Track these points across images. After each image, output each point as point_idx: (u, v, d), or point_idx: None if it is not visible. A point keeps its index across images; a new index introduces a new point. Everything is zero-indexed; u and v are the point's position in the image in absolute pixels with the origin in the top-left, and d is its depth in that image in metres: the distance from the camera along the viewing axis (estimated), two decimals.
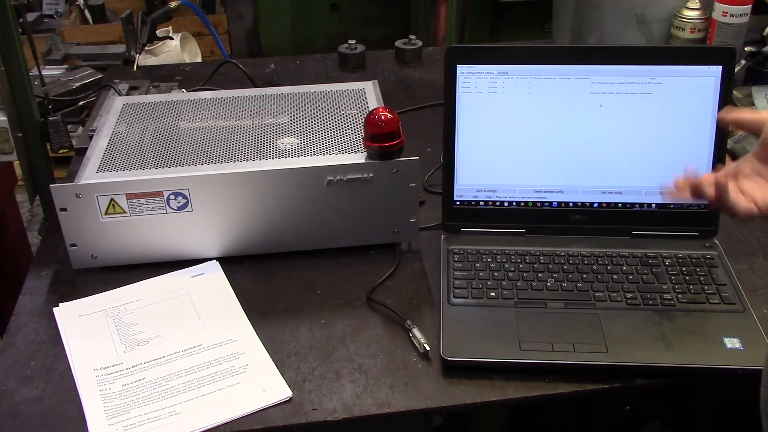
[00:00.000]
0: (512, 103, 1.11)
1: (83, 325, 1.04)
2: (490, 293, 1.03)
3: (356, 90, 1.30)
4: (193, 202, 1.08)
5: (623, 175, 1.12)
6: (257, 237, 1.12)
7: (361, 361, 0.97)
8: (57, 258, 1.15)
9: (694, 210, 1.12)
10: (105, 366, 0.97)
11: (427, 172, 1.31)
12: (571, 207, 1.13)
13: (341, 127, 1.19)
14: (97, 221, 1.07)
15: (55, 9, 3.30)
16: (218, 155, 1.12)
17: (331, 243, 1.14)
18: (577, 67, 1.09)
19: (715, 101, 1.08)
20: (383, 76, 1.69)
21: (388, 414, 0.90)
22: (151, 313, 1.05)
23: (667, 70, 1.08)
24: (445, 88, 1.11)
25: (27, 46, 1.29)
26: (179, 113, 1.25)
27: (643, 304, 1.01)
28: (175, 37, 2.20)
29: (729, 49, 1.09)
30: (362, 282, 1.09)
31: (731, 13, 1.52)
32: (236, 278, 1.10)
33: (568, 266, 1.07)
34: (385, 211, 1.12)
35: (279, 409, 0.91)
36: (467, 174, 1.13)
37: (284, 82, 1.64)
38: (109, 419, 0.90)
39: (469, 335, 0.97)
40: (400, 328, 1.01)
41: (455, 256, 1.09)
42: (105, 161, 1.12)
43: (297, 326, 1.03)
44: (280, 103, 1.27)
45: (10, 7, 1.21)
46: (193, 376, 0.95)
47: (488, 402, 0.92)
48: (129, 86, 1.56)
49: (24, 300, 1.09)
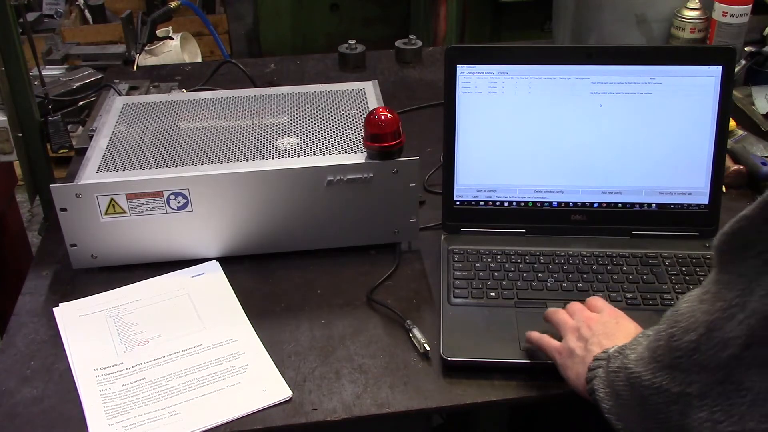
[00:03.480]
0: (512, 103, 1.11)
1: (83, 325, 1.04)
2: (490, 293, 1.03)
3: (356, 90, 1.30)
4: (193, 202, 1.08)
5: (623, 175, 1.12)
6: (257, 237, 1.12)
7: (361, 361, 0.97)
8: (57, 258, 1.15)
9: (694, 210, 1.12)
10: (105, 366, 0.97)
11: (427, 172, 1.31)
12: (571, 207, 1.13)
13: (341, 127, 1.19)
14: (97, 221, 1.07)
15: (55, 9, 3.29)
16: (218, 155, 1.12)
17: (331, 243, 1.14)
18: (577, 67, 1.09)
19: (715, 101, 1.08)
20: (383, 76, 1.69)
21: (388, 414, 0.90)
22: (151, 313, 1.05)
23: (667, 70, 1.08)
24: (445, 88, 1.11)
25: (27, 46, 1.29)
26: (179, 113, 1.25)
27: (643, 304, 1.01)
28: (175, 37, 2.20)
29: (729, 49, 1.09)
30: (362, 282, 1.09)
31: (731, 13, 1.52)
32: (236, 278, 1.10)
33: (568, 266, 1.07)
34: (385, 211, 1.12)
35: (279, 409, 0.91)
36: (467, 174, 1.13)
37: (284, 82, 1.64)
38: (109, 419, 0.90)
39: (469, 335, 0.97)
40: (400, 328, 1.01)
41: (455, 256, 1.09)
42: (105, 161, 1.12)
43: (297, 326, 1.03)
44: (280, 103, 1.27)
45: (10, 7, 1.21)
46: (193, 376, 0.95)
47: (488, 402, 0.92)
48: (129, 86, 1.56)
49: (24, 300, 1.09)
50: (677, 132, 1.10)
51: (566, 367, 0.88)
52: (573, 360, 0.87)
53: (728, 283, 0.64)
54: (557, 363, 0.89)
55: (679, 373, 0.68)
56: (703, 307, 0.66)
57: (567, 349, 0.88)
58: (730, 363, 0.63)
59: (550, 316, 0.95)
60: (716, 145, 1.10)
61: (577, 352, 0.87)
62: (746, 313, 0.61)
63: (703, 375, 0.66)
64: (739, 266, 0.62)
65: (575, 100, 1.10)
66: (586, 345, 0.86)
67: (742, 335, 0.62)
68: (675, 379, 0.68)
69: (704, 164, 1.11)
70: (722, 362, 0.64)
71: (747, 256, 0.62)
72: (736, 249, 0.63)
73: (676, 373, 0.68)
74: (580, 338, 0.88)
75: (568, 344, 0.89)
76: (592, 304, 0.94)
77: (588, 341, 0.87)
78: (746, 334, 0.61)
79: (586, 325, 0.89)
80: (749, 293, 0.61)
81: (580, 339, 0.88)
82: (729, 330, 0.63)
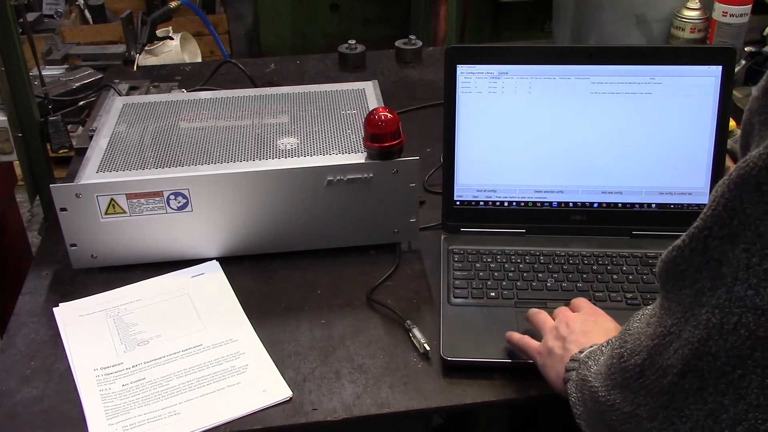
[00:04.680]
0: (512, 103, 1.11)
1: (83, 325, 1.04)
2: (490, 293, 1.03)
3: (356, 90, 1.30)
4: (193, 202, 1.08)
5: (623, 175, 1.12)
6: (257, 237, 1.12)
7: (361, 361, 0.97)
8: (57, 258, 1.15)
9: (694, 210, 1.12)
10: (105, 366, 0.97)
11: (427, 172, 1.31)
12: (571, 207, 1.13)
13: (341, 127, 1.19)
14: (97, 221, 1.07)
15: (55, 9, 3.29)
16: (218, 155, 1.12)
17: (331, 243, 1.14)
18: (577, 67, 1.09)
19: (715, 101, 1.08)
20: (383, 76, 1.69)
21: (388, 414, 0.90)
22: (151, 313, 1.05)
23: (667, 70, 1.08)
24: (445, 88, 1.11)
25: (27, 46, 1.29)
26: (179, 113, 1.25)
27: (644, 304, 1.01)
28: (175, 37, 2.20)
29: (729, 49, 1.09)
30: (362, 282, 1.09)
31: (731, 13, 1.52)
32: (236, 278, 1.10)
33: (568, 266, 1.07)
34: (385, 211, 1.12)
35: (279, 409, 0.91)
36: (467, 174, 1.13)
37: (284, 82, 1.63)
38: (109, 419, 0.90)
39: (469, 335, 0.97)
40: (400, 328, 1.01)
41: (455, 256, 1.09)
42: (105, 161, 1.12)
43: (297, 326, 1.03)
44: (280, 103, 1.27)
45: (10, 7, 1.21)
46: (193, 376, 0.95)
47: (488, 402, 0.92)
48: (129, 86, 1.56)
49: (24, 300, 1.09)
50: (677, 132, 1.10)
51: (546, 366, 0.87)
52: (552, 359, 0.87)
53: (668, 309, 0.64)
54: (538, 364, 0.89)
55: (629, 394, 0.68)
56: (648, 331, 0.66)
57: (546, 348, 0.88)
58: (671, 389, 0.63)
59: (532, 317, 0.95)
60: (716, 145, 1.10)
61: (555, 351, 0.86)
62: (681, 342, 0.62)
63: (649, 399, 0.66)
64: (677, 294, 0.63)
65: (575, 100, 1.10)
66: (564, 344, 0.86)
67: (678, 364, 0.62)
68: (626, 399, 0.68)
69: (704, 164, 1.10)
70: (664, 388, 0.64)
71: (683, 286, 0.62)
72: (672, 278, 0.63)
73: (627, 394, 0.68)
74: (558, 337, 0.88)
75: (547, 343, 0.88)
76: (575, 304, 0.94)
77: (566, 340, 0.86)
78: (681, 363, 0.62)
79: (565, 323, 0.89)
80: (684, 322, 0.61)
81: (558, 338, 0.88)
82: (667, 357, 0.63)
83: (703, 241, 0.59)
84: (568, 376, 0.82)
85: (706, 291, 0.60)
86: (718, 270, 0.59)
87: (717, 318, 0.59)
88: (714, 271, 0.59)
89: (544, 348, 0.89)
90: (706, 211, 0.59)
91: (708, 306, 0.59)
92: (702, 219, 0.59)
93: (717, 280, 0.59)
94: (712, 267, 0.59)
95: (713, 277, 0.59)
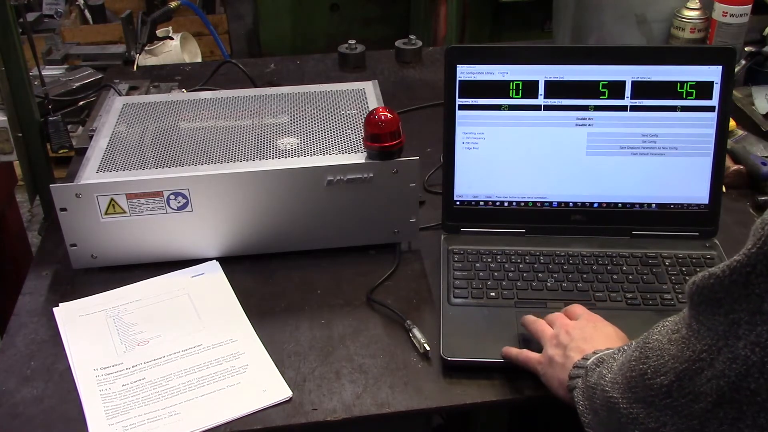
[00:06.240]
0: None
1: (83, 325, 1.04)
2: (490, 293, 1.03)
3: (356, 90, 1.30)
4: (193, 202, 1.08)
5: (623, 175, 1.12)
6: (257, 237, 1.12)
7: (361, 361, 0.97)
8: (57, 258, 1.15)
9: (694, 210, 1.12)
10: (105, 366, 0.97)
11: (427, 172, 1.31)
12: (571, 207, 1.13)
13: (341, 127, 1.19)
14: (97, 221, 1.07)
15: (55, 9, 3.29)
16: (218, 155, 1.12)
17: (331, 243, 1.14)
18: (578, 67, 1.09)
19: (715, 101, 1.08)
20: (383, 76, 1.69)
21: (388, 414, 0.90)
22: (151, 313, 1.05)
23: (667, 70, 1.08)
24: (445, 88, 1.11)
25: (27, 46, 1.29)
26: (179, 113, 1.25)
27: (643, 304, 1.01)
28: (175, 37, 2.20)
29: (729, 49, 1.09)
30: (362, 282, 1.09)
31: (731, 13, 1.52)
32: (236, 278, 1.10)
33: (568, 266, 1.07)
34: (385, 211, 1.12)
35: (279, 409, 0.91)
36: (467, 174, 1.13)
37: (284, 82, 1.63)
38: (109, 419, 0.90)
39: (469, 335, 0.97)
40: (400, 328, 1.01)
41: (455, 256, 1.09)
42: (105, 161, 1.12)
43: (297, 326, 1.03)
44: (280, 103, 1.27)
45: (10, 7, 1.21)
46: (193, 376, 0.95)
47: (488, 402, 0.92)
48: (129, 86, 1.56)
49: (24, 300, 1.09)
50: (677, 132, 1.10)
51: (548, 376, 0.87)
52: (554, 368, 0.86)
53: (698, 333, 0.63)
54: (539, 374, 0.89)
55: (654, 411, 0.68)
56: (672, 350, 0.66)
57: (547, 357, 0.88)
58: (704, 416, 0.63)
59: (529, 326, 0.94)
60: (716, 145, 1.10)
61: (556, 360, 0.86)
62: (714, 372, 0.61)
63: (676, 419, 0.65)
64: (709, 320, 0.62)
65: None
66: (565, 351, 0.86)
67: (713, 393, 0.62)
68: (651, 416, 0.68)
69: (704, 164, 1.10)
70: (695, 413, 0.64)
71: (717, 312, 0.62)
72: (706, 302, 0.63)
73: (651, 410, 0.68)
74: (559, 345, 0.88)
75: (548, 352, 0.88)
76: (571, 311, 0.94)
77: (567, 347, 0.86)
78: (717, 394, 0.61)
79: (564, 331, 0.89)
80: (717, 352, 0.61)
81: (559, 346, 0.87)
82: (699, 384, 0.63)
83: (745, 276, 0.59)
84: (573, 383, 0.82)
85: (743, 323, 0.60)
86: (759, 305, 0.59)
87: (758, 356, 0.59)
88: (754, 306, 0.59)
89: (545, 358, 0.88)
90: (750, 248, 0.59)
91: (746, 341, 0.59)
92: (746, 255, 0.59)
93: (756, 315, 0.59)
94: (753, 301, 0.59)
95: (752, 312, 0.59)
